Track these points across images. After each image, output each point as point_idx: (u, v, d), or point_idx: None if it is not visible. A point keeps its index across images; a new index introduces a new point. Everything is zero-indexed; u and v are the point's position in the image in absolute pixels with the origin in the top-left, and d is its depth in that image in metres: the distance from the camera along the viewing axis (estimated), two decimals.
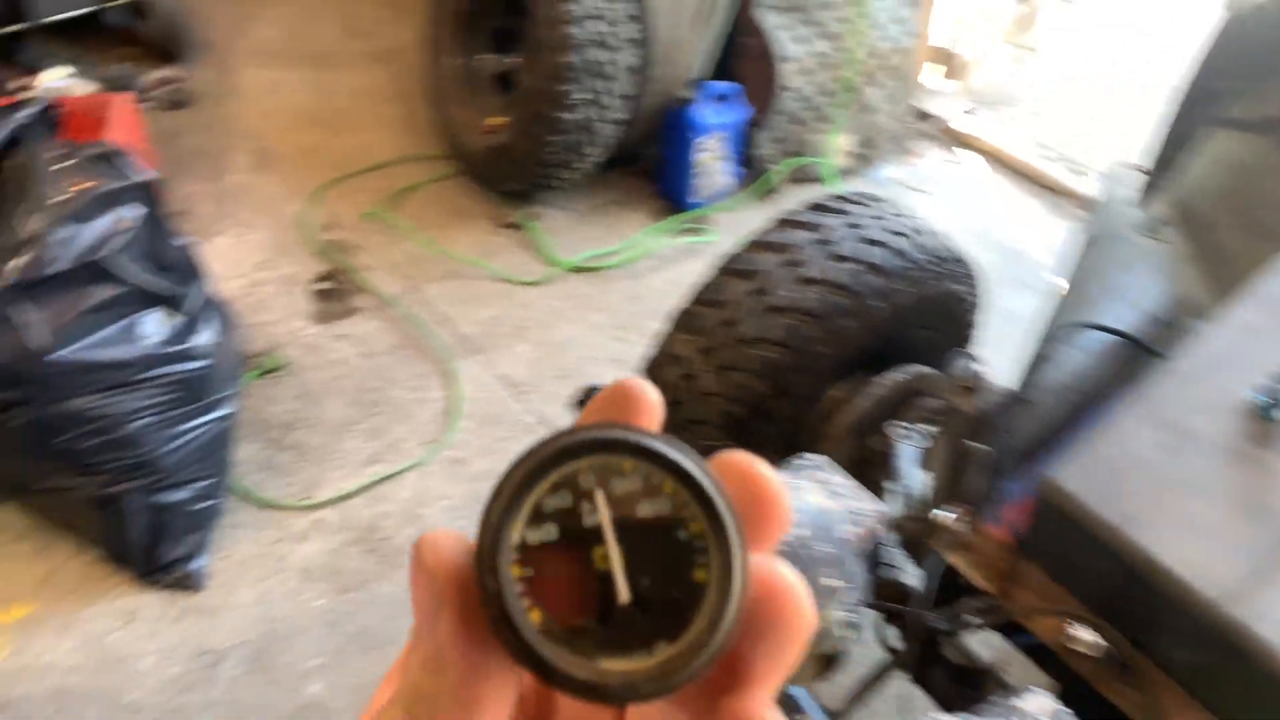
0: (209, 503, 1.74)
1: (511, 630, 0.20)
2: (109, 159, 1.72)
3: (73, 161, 1.68)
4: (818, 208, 1.72)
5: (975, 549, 1.20)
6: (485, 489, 0.22)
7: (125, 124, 2.31)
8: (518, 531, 0.21)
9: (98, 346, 1.54)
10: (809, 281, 1.57)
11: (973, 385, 1.53)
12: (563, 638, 0.20)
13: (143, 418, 1.59)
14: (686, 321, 1.66)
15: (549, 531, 0.21)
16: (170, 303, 1.70)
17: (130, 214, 1.67)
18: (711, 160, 2.90)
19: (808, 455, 1.24)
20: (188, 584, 1.73)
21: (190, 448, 1.67)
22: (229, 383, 1.81)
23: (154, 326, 1.64)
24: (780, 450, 1.75)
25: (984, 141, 3.40)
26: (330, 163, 2.87)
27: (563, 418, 2.21)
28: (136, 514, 1.63)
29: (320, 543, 1.85)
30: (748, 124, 2.96)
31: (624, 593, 0.20)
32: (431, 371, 2.28)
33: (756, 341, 1.56)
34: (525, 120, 2.63)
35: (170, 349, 1.63)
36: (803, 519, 1.17)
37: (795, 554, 1.23)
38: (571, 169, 2.74)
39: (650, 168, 3.02)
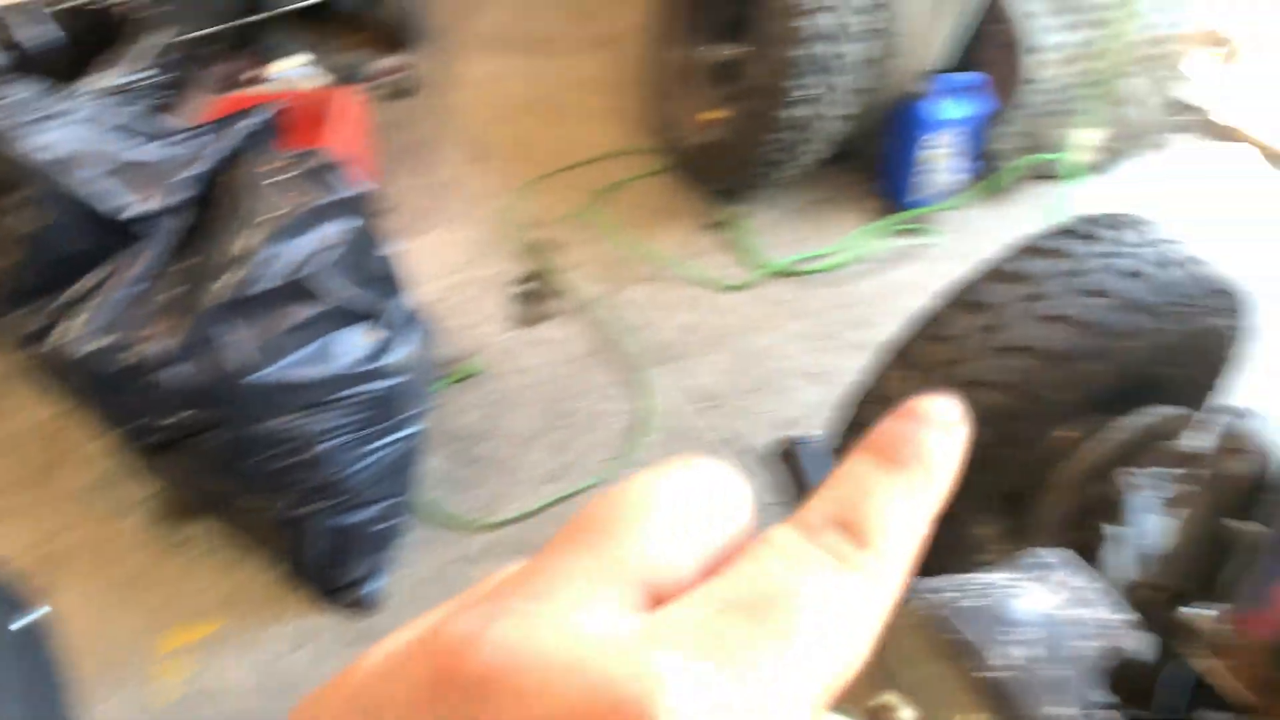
0: (391, 522, 1.77)
1: None
2: (323, 172, 1.75)
3: (286, 176, 1.72)
4: (1065, 233, 1.53)
5: (1232, 653, 1.00)
6: None
7: (347, 121, 2.38)
8: None
9: (295, 366, 1.57)
10: (1051, 319, 1.39)
11: (1240, 446, 1.31)
12: None
13: (334, 438, 1.62)
14: (904, 357, 1.53)
15: None
16: (370, 318, 1.72)
17: (338, 230, 1.69)
18: (940, 157, 2.68)
19: (1039, 550, 1.09)
20: (364, 605, 1.77)
21: (377, 467, 1.69)
22: (422, 398, 1.82)
23: (351, 344, 1.66)
24: (1001, 500, 1.58)
25: (1253, 133, 2.97)
26: (541, 156, 2.86)
27: (751, 434, 2.11)
28: (319, 535, 1.67)
29: (496, 564, 1.85)
30: (987, 118, 2.71)
31: None
32: (622, 381, 2.23)
33: (981, 385, 1.40)
34: (744, 116, 2.51)
35: (366, 367, 1.65)
36: (1030, 633, 1.02)
37: (1016, 679, 1.09)
38: (789, 167, 2.60)
39: (869, 163, 2.83)
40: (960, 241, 2.63)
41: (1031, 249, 1.48)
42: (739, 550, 0.25)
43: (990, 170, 2.79)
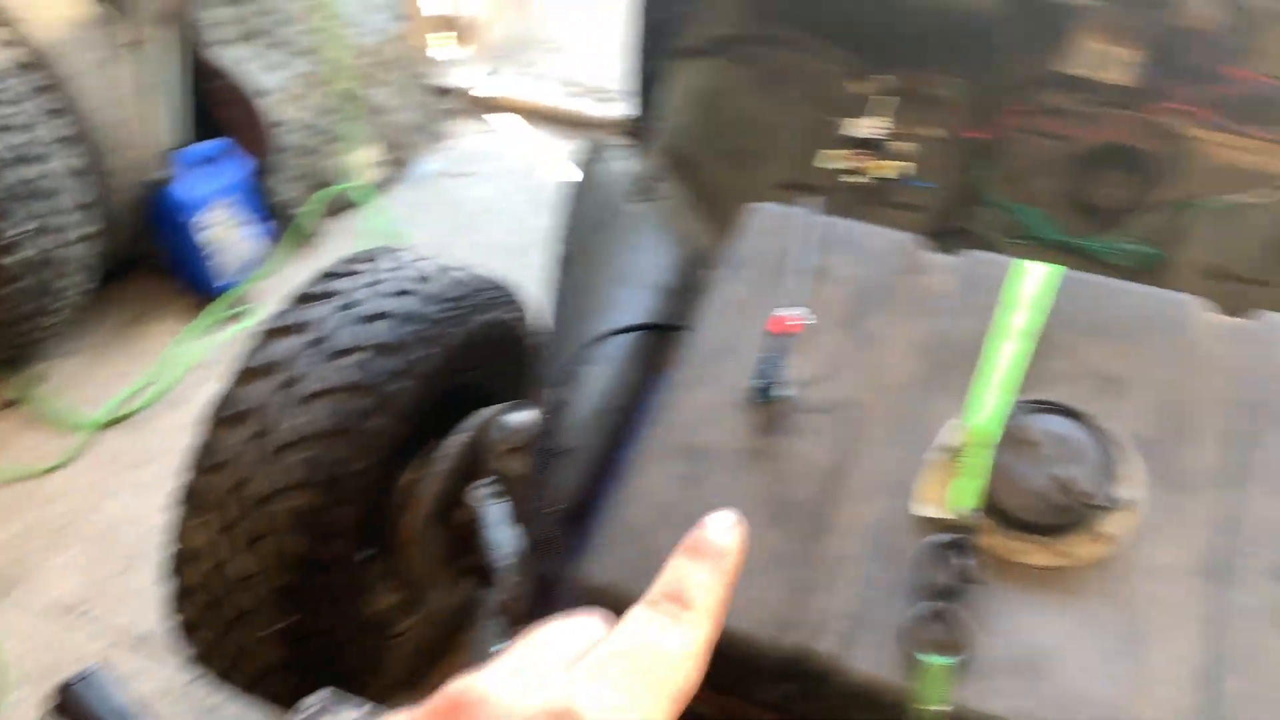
0: None
1: None
2: None
3: None
4: (302, 299, 1.42)
5: None
6: None
7: None
8: None
9: None
10: (314, 397, 1.28)
11: (516, 444, 1.31)
12: None
13: None
14: (192, 502, 1.33)
15: None
16: None
17: None
18: (225, 231, 2.49)
19: (309, 698, 0.97)
20: None
21: None
22: None
23: None
24: (392, 577, 1.47)
25: (512, 99, 3.18)
26: None
27: (144, 619, 1.80)
28: None
29: None
30: (254, 175, 2.56)
31: None
32: None
33: (278, 494, 1.26)
34: None
35: None
36: None
37: None
38: (57, 310, 2.24)
39: (162, 263, 2.56)
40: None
41: (272, 331, 1.36)
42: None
43: (287, 223, 2.67)
